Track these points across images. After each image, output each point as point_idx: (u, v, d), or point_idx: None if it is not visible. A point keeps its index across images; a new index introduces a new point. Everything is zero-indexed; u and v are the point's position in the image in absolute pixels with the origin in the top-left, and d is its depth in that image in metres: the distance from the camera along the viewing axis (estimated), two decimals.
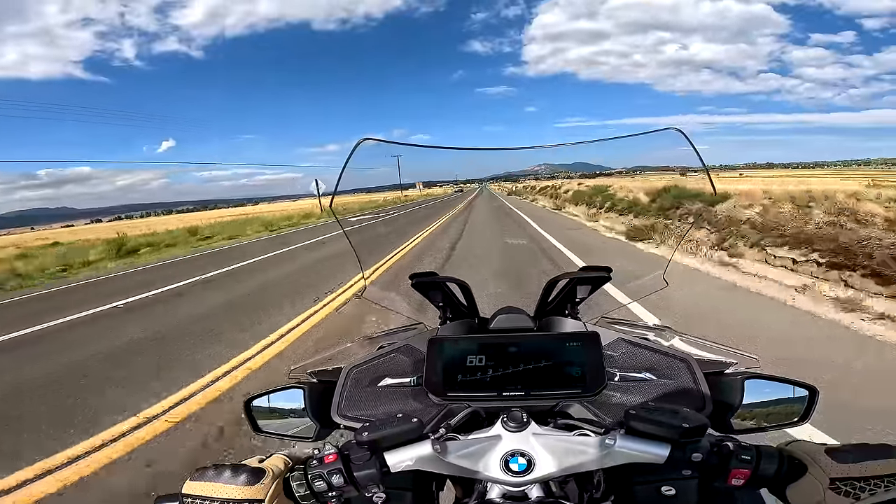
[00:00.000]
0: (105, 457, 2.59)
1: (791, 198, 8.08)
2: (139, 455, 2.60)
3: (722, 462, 0.57)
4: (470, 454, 0.58)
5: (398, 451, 0.56)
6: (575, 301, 0.98)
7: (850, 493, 0.50)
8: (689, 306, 4.65)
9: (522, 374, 0.79)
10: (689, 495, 0.62)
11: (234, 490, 0.53)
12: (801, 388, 0.75)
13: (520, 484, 0.57)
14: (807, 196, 8.01)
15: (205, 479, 0.54)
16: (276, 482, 0.55)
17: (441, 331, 0.96)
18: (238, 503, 0.52)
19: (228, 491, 0.53)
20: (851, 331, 3.90)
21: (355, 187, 1.71)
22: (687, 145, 0.86)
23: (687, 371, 0.81)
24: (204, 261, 12.06)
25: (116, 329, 5.53)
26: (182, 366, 3.99)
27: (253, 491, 0.53)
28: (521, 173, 34.04)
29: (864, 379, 2.97)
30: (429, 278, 0.96)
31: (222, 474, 0.54)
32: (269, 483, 0.54)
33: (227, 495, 0.52)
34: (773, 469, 0.56)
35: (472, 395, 0.78)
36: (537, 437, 0.60)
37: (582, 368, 0.78)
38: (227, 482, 0.53)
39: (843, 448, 0.54)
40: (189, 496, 0.53)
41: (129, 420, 2.99)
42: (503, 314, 0.95)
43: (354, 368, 0.87)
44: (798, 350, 3.52)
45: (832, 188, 8.87)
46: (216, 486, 0.53)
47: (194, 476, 0.55)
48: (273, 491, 0.54)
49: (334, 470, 0.55)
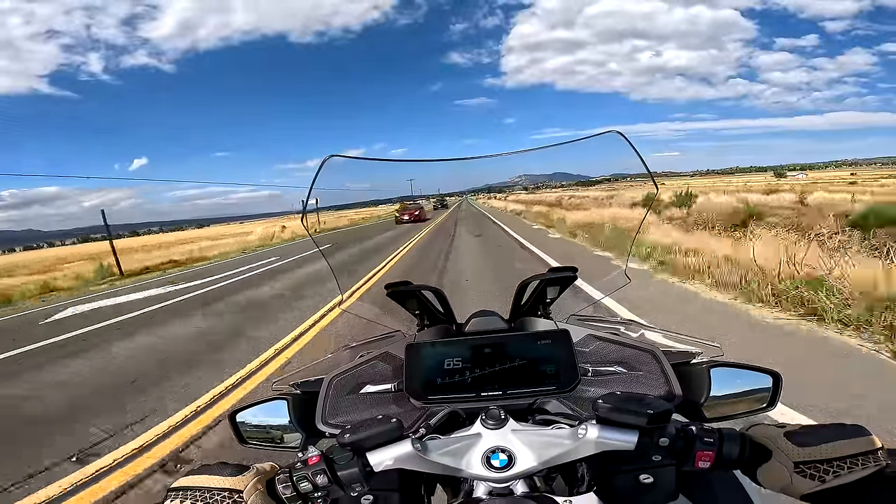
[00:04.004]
0: None
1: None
2: None
3: (687, 446, 0.59)
4: (451, 452, 0.60)
5: (380, 451, 0.57)
6: (546, 301, 1.02)
7: (816, 476, 0.51)
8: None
9: (499, 374, 0.82)
10: (667, 482, 0.64)
11: (216, 480, 0.56)
12: (764, 374, 0.78)
13: (502, 479, 0.59)
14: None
15: (193, 474, 0.57)
16: (259, 479, 0.57)
17: (418, 337, 0.98)
18: (218, 491, 0.55)
19: (211, 481, 0.56)
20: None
21: (335, 203, 1.69)
22: (628, 147, 0.92)
23: (655, 362, 0.85)
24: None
25: None
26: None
27: (233, 481, 0.55)
28: (501, 185, 34.11)
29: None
30: (404, 287, 0.98)
31: (210, 470, 0.58)
32: (251, 477, 0.57)
33: (209, 484, 0.55)
34: (737, 451, 0.58)
35: (451, 398, 0.81)
36: (516, 433, 0.62)
37: (555, 365, 0.82)
38: (213, 474, 0.56)
39: (802, 430, 0.56)
40: (176, 489, 0.56)
41: None
42: (478, 317, 0.98)
43: (336, 378, 0.89)
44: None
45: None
46: (202, 477, 0.56)
47: (186, 473, 0.58)
48: (252, 485, 0.56)
49: (318, 471, 0.57)
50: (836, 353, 3.32)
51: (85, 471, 2.57)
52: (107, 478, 2.49)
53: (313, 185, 0.87)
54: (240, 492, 0.55)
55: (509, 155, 1.05)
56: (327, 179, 0.87)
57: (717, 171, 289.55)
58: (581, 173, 75.80)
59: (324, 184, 0.88)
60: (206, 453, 2.70)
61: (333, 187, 0.96)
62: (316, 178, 0.87)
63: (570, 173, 36.62)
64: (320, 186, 0.88)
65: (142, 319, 7.08)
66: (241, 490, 0.55)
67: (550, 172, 2.65)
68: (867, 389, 2.69)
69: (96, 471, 2.56)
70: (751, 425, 0.62)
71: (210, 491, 0.55)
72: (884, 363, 3.08)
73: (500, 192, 40.80)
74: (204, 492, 0.55)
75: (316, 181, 0.87)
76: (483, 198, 50.45)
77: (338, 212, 37.41)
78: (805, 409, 2.47)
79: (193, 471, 0.58)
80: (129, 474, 2.50)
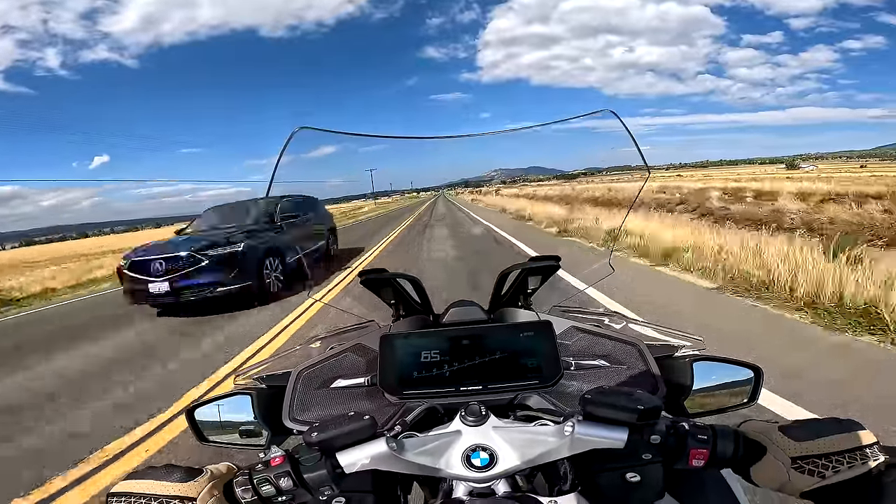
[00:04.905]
0: None
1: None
2: None
3: (680, 443, 0.57)
4: (429, 451, 0.57)
5: (351, 450, 0.53)
6: (527, 292, 0.99)
7: (815, 472, 0.50)
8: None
9: (479, 367, 0.79)
10: (654, 481, 0.62)
11: (163, 486, 0.50)
12: (745, 369, 0.78)
13: (484, 479, 0.56)
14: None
15: (136, 478, 0.51)
16: (214, 483, 0.52)
17: (393, 328, 0.94)
18: (167, 499, 0.49)
19: (158, 487, 0.50)
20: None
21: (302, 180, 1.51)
22: (620, 128, 0.90)
23: (638, 356, 0.83)
24: None
25: None
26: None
27: (185, 488, 0.50)
28: (477, 179, 33.79)
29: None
30: (378, 275, 0.94)
31: (156, 473, 0.51)
32: (205, 482, 0.51)
33: (156, 491, 0.49)
34: (731, 448, 0.56)
35: (428, 392, 0.77)
36: (497, 431, 0.59)
37: (537, 358, 0.79)
38: (159, 479, 0.51)
39: (796, 424, 0.54)
40: (116, 494, 0.50)
41: None
42: (456, 307, 0.95)
43: (304, 371, 0.84)
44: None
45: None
46: (146, 483, 0.50)
47: (128, 476, 0.52)
48: (208, 491, 0.51)
49: (282, 473, 0.52)
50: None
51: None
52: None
53: (280, 160, 0.81)
54: (192, 499, 0.49)
55: (494, 134, 1.02)
56: (296, 154, 0.80)
57: (690, 164, 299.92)
58: (556, 167, 75.33)
59: (293, 160, 0.80)
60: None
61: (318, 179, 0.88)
62: (283, 152, 0.81)
63: (544, 167, 36.64)
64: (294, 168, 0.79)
65: None
66: (195, 497, 0.49)
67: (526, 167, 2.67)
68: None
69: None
70: (742, 421, 0.60)
71: (157, 498, 0.49)
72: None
73: (478, 187, 39.57)
74: (150, 499, 0.49)
75: (283, 155, 0.81)
76: (467, 193, 44.75)
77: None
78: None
79: (136, 473, 0.52)
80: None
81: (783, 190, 19.71)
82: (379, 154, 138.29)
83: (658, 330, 1.01)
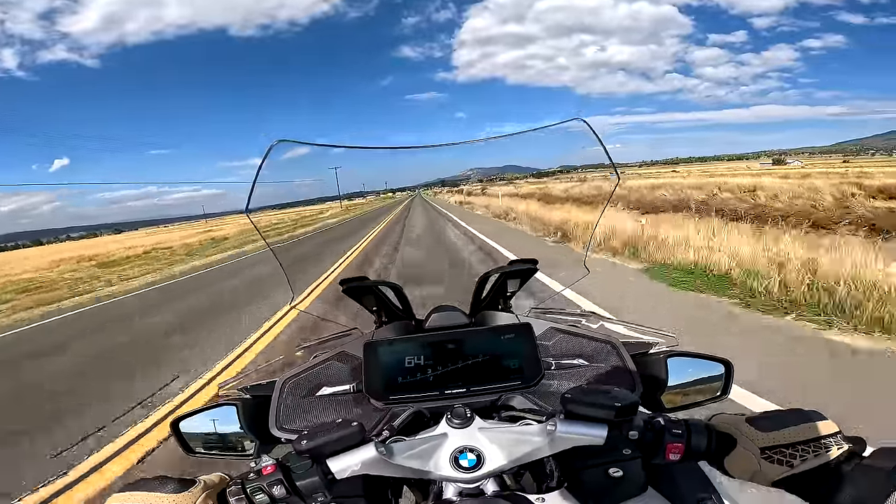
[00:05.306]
0: None
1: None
2: None
3: (657, 438, 0.59)
4: (418, 454, 0.58)
5: (341, 457, 0.54)
6: (507, 295, 1.01)
7: (783, 462, 0.52)
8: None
9: (462, 370, 0.80)
10: (635, 475, 0.65)
11: (159, 498, 0.50)
12: (717, 363, 0.81)
13: (472, 480, 0.57)
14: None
15: (129, 490, 0.51)
16: (208, 493, 0.52)
17: (376, 334, 0.95)
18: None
19: (153, 499, 0.50)
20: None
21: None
22: (591, 135, 0.92)
23: (615, 354, 0.86)
24: None
25: None
26: None
27: (180, 499, 0.50)
28: (454, 179, 33.26)
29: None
30: (360, 283, 0.94)
31: (149, 485, 0.51)
32: (199, 492, 0.51)
33: (151, 502, 0.49)
34: (704, 442, 0.58)
35: (414, 397, 0.78)
36: (483, 432, 0.60)
37: (518, 360, 0.81)
38: (153, 491, 0.50)
39: (762, 416, 0.57)
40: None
41: None
42: (438, 312, 0.96)
43: (289, 380, 0.84)
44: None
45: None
46: (141, 494, 0.50)
47: (122, 489, 0.52)
48: (202, 501, 0.51)
49: (275, 481, 0.53)
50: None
51: None
52: None
53: (259, 173, 0.80)
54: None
55: (468, 144, 1.03)
56: (275, 168, 0.79)
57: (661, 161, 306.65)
58: (532, 165, 75.44)
59: (272, 173, 0.78)
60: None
61: (282, 180, 0.86)
62: (262, 166, 0.80)
63: (520, 166, 34.63)
64: (268, 178, 0.77)
65: None
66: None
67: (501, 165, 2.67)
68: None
69: None
70: (713, 415, 0.62)
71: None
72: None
73: (455, 186, 36.96)
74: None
75: (262, 169, 0.80)
76: (446, 193, 38.15)
77: (280, 211, 33.18)
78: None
79: (130, 485, 0.52)
80: None
81: (822, 188, 15.21)
82: (351, 155, 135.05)
83: (632, 328, 1.04)
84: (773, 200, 14.03)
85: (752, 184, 19.38)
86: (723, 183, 21.22)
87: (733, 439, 0.56)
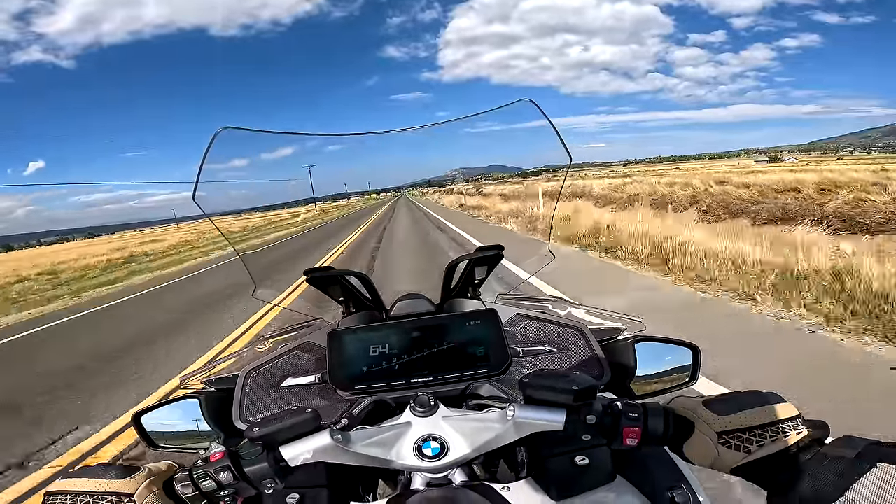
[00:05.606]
0: None
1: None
2: None
3: (614, 423, 0.57)
4: (378, 442, 0.58)
5: (294, 444, 0.54)
6: (475, 283, 1.00)
7: (741, 447, 0.50)
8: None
9: (428, 358, 0.80)
10: (602, 463, 0.64)
11: (100, 483, 0.50)
12: (685, 347, 0.81)
13: (436, 469, 0.57)
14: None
15: (70, 477, 0.51)
16: (152, 479, 0.52)
17: (342, 324, 0.94)
18: (103, 495, 0.49)
19: (93, 485, 0.50)
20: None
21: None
22: (541, 116, 0.93)
23: (583, 340, 0.86)
24: None
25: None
26: None
27: (121, 484, 0.50)
28: (439, 179, 32.67)
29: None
30: (324, 273, 0.93)
31: (90, 472, 0.52)
32: (143, 478, 0.51)
33: (92, 489, 0.49)
34: (661, 426, 0.56)
35: (380, 386, 0.78)
36: (447, 420, 0.60)
37: (485, 347, 0.80)
38: (94, 477, 0.51)
39: (718, 398, 0.55)
40: (52, 493, 0.50)
41: None
42: (403, 300, 0.96)
43: (252, 371, 0.83)
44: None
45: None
46: (82, 481, 0.50)
47: (63, 476, 0.52)
48: (146, 487, 0.51)
49: (222, 467, 0.52)
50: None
51: None
52: None
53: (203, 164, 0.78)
54: (130, 495, 0.49)
55: (424, 128, 1.03)
56: (223, 157, 0.78)
57: (645, 160, 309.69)
58: (516, 165, 74.69)
59: (243, 182, 0.76)
60: None
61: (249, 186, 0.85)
62: (206, 156, 0.78)
63: (505, 165, 33.88)
64: (216, 166, 0.76)
65: None
66: (132, 493, 0.49)
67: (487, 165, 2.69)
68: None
69: None
70: (672, 398, 0.61)
71: (94, 496, 0.49)
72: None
73: (441, 185, 35.50)
74: (86, 496, 0.49)
75: (206, 159, 0.78)
76: (433, 193, 33.52)
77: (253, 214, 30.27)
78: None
79: (71, 473, 0.52)
80: None
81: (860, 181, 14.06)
82: (334, 154, 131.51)
83: (598, 314, 1.05)
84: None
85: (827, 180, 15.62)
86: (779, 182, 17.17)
87: (692, 423, 0.55)
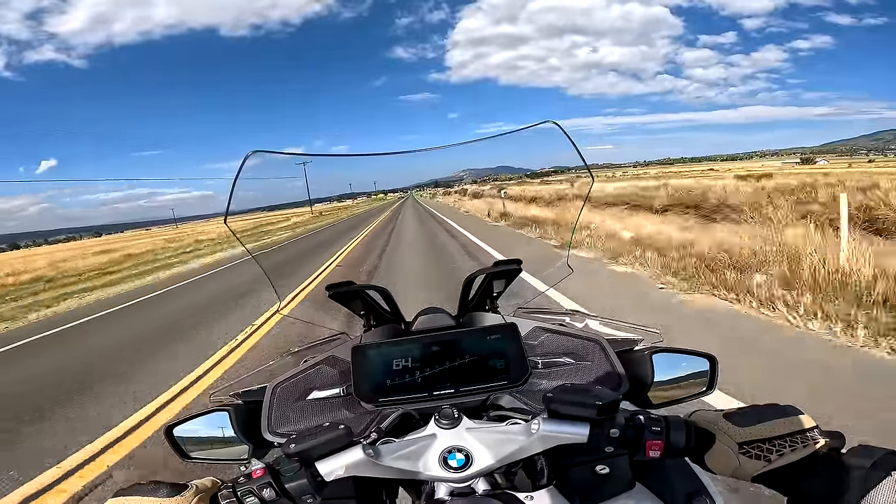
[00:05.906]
0: None
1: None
2: None
3: (637, 435, 0.59)
4: (406, 455, 0.59)
5: (329, 459, 0.55)
6: (493, 296, 1.01)
7: (761, 456, 0.52)
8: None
9: (449, 371, 0.81)
10: (622, 472, 0.64)
11: (153, 502, 0.51)
12: (702, 358, 0.81)
13: (462, 479, 0.58)
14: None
15: (124, 494, 0.53)
16: (200, 497, 0.53)
17: (364, 338, 0.95)
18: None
19: (147, 503, 0.51)
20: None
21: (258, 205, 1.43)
22: (564, 137, 0.92)
23: (601, 352, 0.86)
24: None
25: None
26: None
27: (172, 502, 0.51)
28: (447, 179, 32.78)
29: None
30: (346, 288, 0.93)
31: (143, 490, 0.53)
32: (191, 496, 0.53)
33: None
34: (683, 438, 0.58)
35: (403, 399, 0.79)
36: (471, 432, 0.61)
37: (505, 360, 0.81)
38: (147, 496, 0.52)
39: (739, 411, 0.57)
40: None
41: None
42: (425, 315, 0.97)
43: (279, 385, 0.85)
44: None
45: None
46: (135, 499, 0.52)
47: (115, 494, 0.53)
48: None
49: (264, 484, 0.54)
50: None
51: None
52: None
53: (235, 185, 0.81)
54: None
55: (446, 148, 1.04)
56: (252, 177, 0.80)
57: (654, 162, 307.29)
58: (524, 166, 76.50)
59: (248, 182, 0.81)
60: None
61: (256, 187, 0.86)
62: (238, 177, 0.81)
63: (512, 166, 34.03)
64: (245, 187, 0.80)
65: None
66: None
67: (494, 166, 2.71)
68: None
69: None
70: (693, 412, 0.63)
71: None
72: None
73: (449, 186, 35.18)
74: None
75: (238, 180, 0.81)
76: (443, 195, 30.72)
77: (264, 214, 31.16)
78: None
79: (124, 490, 0.53)
80: None
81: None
82: (342, 157, 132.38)
83: (616, 325, 1.05)
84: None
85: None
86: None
87: (712, 435, 0.57)
